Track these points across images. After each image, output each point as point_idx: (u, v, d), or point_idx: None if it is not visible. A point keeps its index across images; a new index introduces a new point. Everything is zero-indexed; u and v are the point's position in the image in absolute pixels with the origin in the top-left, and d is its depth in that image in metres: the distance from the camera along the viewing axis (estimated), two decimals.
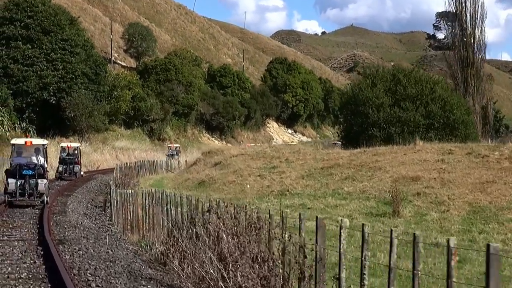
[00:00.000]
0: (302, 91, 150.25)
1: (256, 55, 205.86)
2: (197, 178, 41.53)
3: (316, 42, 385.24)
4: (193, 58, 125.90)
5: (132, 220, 21.86)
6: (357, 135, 56.53)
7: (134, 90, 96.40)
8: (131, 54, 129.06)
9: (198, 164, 48.76)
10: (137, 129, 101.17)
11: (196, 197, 17.76)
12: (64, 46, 79.34)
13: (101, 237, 19.99)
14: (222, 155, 46.52)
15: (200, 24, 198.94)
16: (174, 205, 17.71)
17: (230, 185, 36.10)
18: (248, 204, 30.53)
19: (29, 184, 29.50)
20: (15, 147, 31.40)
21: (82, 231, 21.13)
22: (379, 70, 60.97)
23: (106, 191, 37.90)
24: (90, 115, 77.25)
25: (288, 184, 32.94)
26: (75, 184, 43.93)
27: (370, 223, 23.66)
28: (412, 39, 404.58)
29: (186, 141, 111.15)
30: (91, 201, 33.73)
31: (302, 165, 37.57)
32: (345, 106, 61.73)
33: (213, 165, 44.55)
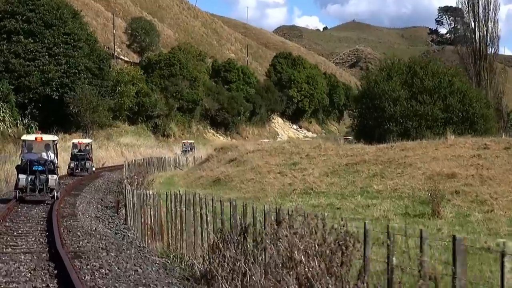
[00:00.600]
0: (307, 86, 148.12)
1: (259, 51, 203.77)
2: (211, 175, 39.34)
3: (318, 38, 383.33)
4: (197, 53, 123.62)
5: (153, 226, 19.38)
6: (372, 130, 54.42)
7: (138, 85, 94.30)
8: (134, 49, 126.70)
9: (210, 161, 46.47)
10: (141, 125, 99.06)
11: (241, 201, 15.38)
12: (67, 40, 77.35)
13: (122, 248, 17.56)
14: (237, 151, 44.27)
15: (202, 19, 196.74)
16: (210, 211, 15.28)
17: (248, 183, 33.97)
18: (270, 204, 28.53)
19: (39, 179, 29.73)
20: (25, 143, 31.84)
21: (99, 240, 18.75)
22: (395, 62, 58.77)
23: (117, 191, 35.85)
24: (94, 111, 75.17)
25: (311, 182, 30.85)
26: (81, 182, 41.79)
27: (410, 225, 21.53)
28: (415, 34, 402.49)
29: (191, 137, 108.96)
30: (101, 202, 31.62)
31: (325, 161, 35.45)
32: (359, 100, 59.55)
33: (227, 162, 42.34)
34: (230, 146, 48.98)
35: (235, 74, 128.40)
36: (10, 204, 27.07)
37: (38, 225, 22.29)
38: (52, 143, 31.88)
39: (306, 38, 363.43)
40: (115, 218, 26.12)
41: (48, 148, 31.47)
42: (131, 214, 23.35)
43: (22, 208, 26.94)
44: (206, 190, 32.68)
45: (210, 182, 37.45)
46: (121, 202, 26.98)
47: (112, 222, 24.78)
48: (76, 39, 78.35)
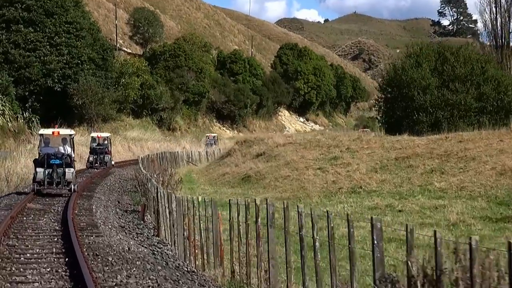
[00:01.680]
0: (314, 77, 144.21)
1: (263, 42, 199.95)
2: (238, 172, 35.48)
3: (319, 30, 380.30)
4: (202, 43, 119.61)
5: (204, 244, 14.87)
6: (399, 121, 50.46)
7: (143, 77, 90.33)
8: (137, 41, 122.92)
9: (233, 156, 42.46)
10: (146, 119, 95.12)
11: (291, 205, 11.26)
12: (69, 29, 73.47)
13: (179, 283, 12.91)
14: (264, 145, 40.31)
15: (205, 10, 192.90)
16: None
17: (284, 181, 30.14)
18: (314, 204, 24.73)
19: (56, 173, 30.15)
20: (43, 137, 32.11)
21: (140, 269, 13.72)
22: (423, 47, 54.64)
23: (133, 190, 32.02)
24: (99, 103, 71.24)
25: (358, 179, 27.03)
26: (92, 181, 37.81)
27: (498, 233, 17.67)
28: (416, 26, 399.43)
29: (197, 131, 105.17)
30: (118, 204, 27.71)
31: (370, 155, 31.60)
32: (385, 89, 55.49)
33: (254, 157, 38.46)
34: (254, 139, 44.92)
35: (241, 65, 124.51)
36: (14, 211, 22.67)
37: (52, 243, 17.39)
38: (69, 137, 32.11)
39: (307, 31, 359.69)
40: (142, 226, 22.02)
41: (65, 142, 31.72)
42: (166, 224, 18.73)
43: (28, 217, 22.73)
44: (235, 188, 28.92)
45: (237, 179, 33.59)
46: (150, 208, 22.77)
47: (140, 233, 20.42)
48: (79, 28, 74.49)
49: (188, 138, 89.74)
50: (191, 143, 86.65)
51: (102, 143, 52.21)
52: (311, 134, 42.75)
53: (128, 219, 23.23)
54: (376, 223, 8.26)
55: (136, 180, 31.58)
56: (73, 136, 33.14)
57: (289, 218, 11.36)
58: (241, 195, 27.74)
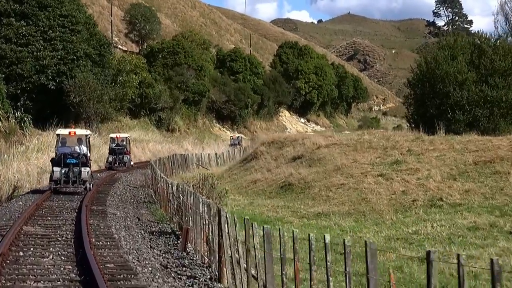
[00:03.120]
0: (315, 77, 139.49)
1: (259, 42, 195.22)
2: (272, 179, 30.43)
3: (313, 31, 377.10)
4: (202, 41, 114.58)
5: None
6: (432, 119, 45.51)
7: (141, 75, 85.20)
8: (132, 39, 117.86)
9: (261, 159, 37.30)
10: (144, 119, 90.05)
11: None
12: (64, 23, 68.39)
13: None
14: (300, 146, 35.20)
15: (200, 9, 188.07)
16: None
17: (338, 191, 25.24)
18: (389, 222, 19.91)
19: (72, 172, 31.12)
20: (59, 137, 32.98)
21: None
22: (458, 39, 49.66)
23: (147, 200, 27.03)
24: (99, 100, 66.10)
25: (435, 189, 22.14)
26: (98, 189, 32.66)
27: None
28: (411, 26, 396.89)
29: (197, 131, 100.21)
30: (140, 223, 22.21)
31: (440, 159, 26.66)
32: (415, 85, 50.46)
33: (290, 160, 33.43)
34: (284, 140, 39.67)
35: (242, 63, 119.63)
36: (5, 242, 16.22)
37: (65, 280, 12.83)
38: (85, 137, 32.94)
39: (301, 31, 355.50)
40: (188, 263, 15.77)
41: (80, 142, 32.63)
42: (235, 264, 12.81)
43: (26, 251, 16.46)
44: (273, 199, 24.02)
45: (275, 188, 28.52)
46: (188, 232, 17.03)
47: (193, 276, 14.17)
48: (74, 22, 69.44)
49: (190, 139, 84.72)
50: (193, 145, 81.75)
51: (121, 143, 52.63)
52: (356, 134, 37.68)
53: (162, 248, 17.48)
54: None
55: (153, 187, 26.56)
56: (89, 136, 34.21)
57: None
58: (285, 208, 22.97)
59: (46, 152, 47.40)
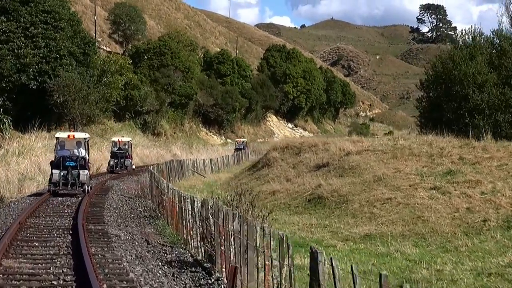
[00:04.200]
0: (303, 81, 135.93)
1: (245, 45, 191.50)
2: (295, 190, 26.56)
3: (296, 36, 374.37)
4: (188, 42, 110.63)
5: None
6: (449, 124, 41.80)
7: (127, 75, 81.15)
8: (116, 40, 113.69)
9: (276, 166, 33.30)
10: (129, 122, 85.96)
11: None
12: (47, 20, 64.48)
13: None
14: (323, 152, 31.26)
15: (185, 11, 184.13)
16: None
17: (384, 207, 21.48)
18: (465, 249, 16.15)
19: (71, 174, 31.46)
20: (58, 141, 33.48)
21: None
22: (477, 37, 45.95)
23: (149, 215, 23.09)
24: (84, 101, 62.03)
25: (508, 206, 18.34)
26: (91, 201, 28.66)
27: None
28: (395, 32, 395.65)
29: (183, 136, 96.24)
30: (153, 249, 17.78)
31: (503, 169, 22.96)
32: (429, 87, 46.70)
33: (313, 168, 29.56)
34: (300, 145, 35.60)
35: (229, 66, 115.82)
36: None
37: None
38: (84, 141, 33.45)
39: (284, 36, 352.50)
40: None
41: (79, 145, 33.18)
42: None
43: None
44: (302, 216, 20.24)
45: (300, 201, 24.62)
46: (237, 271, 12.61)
47: None
48: (57, 18, 65.50)
49: (179, 144, 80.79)
50: (182, 149, 77.84)
51: (122, 147, 52.84)
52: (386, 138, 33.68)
53: (180, 276, 13.45)
54: None
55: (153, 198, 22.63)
56: (88, 139, 34.29)
57: None
58: (320, 228, 19.25)
59: (27, 156, 43.38)
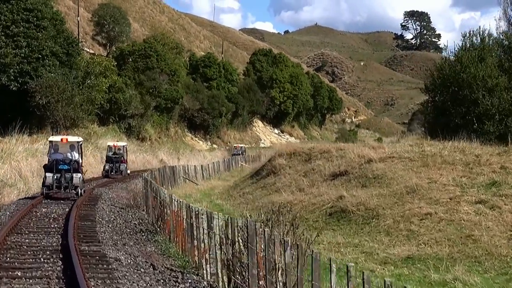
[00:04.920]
0: (290, 86, 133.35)
1: (229, 50, 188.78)
2: (312, 202, 23.75)
3: (279, 41, 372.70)
4: (174, 44, 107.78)
5: None
6: (456, 130, 39.19)
7: (112, 78, 78.18)
8: (99, 42, 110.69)
9: (283, 174, 30.32)
10: (113, 126, 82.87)
11: None
12: (29, 18, 61.63)
13: None
14: (339, 159, 28.36)
15: (169, 14, 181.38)
16: None
17: (424, 223, 18.78)
18: None
19: (64, 178, 31.50)
20: (52, 144, 33.47)
21: None
22: (485, 38, 43.37)
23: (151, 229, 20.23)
24: (68, 103, 59.05)
25: None
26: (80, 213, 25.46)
27: None
28: (378, 39, 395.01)
29: (168, 141, 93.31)
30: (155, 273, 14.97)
31: None
32: (434, 90, 44.02)
33: (329, 177, 26.74)
34: (310, 151, 32.60)
35: (216, 70, 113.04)
36: None
37: None
38: (77, 144, 33.47)
39: (268, 41, 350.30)
40: None
41: (73, 148, 33.28)
42: None
43: None
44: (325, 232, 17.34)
45: (321, 215, 21.78)
46: None
47: None
48: (40, 17, 62.61)
49: (165, 149, 77.92)
50: (169, 155, 75.00)
51: (118, 152, 52.60)
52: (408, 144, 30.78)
53: None
54: None
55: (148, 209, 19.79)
56: (81, 143, 34.36)
57: None
58: (350, 247, 16.52)
59: (7, 161, 40.43)
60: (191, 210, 15.53)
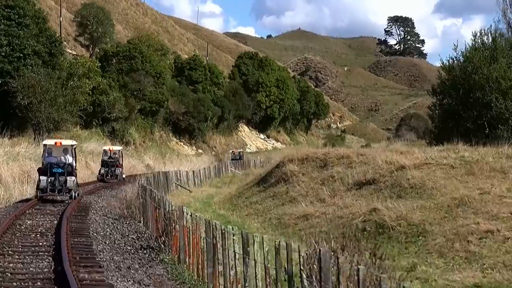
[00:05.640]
0: (276, 90, 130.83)
1: (214, 53, 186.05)
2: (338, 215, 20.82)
3: (262, 45, 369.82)
4: (159, 46, 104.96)
5: None
6: (466, 134, 36.72)
7: (96, 79, 75.27)
8: (82, 43, 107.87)
9: (294, 182, 27.52)
10: (96, 130, 79.97)
11: None
12: (10, 15, 59.17)
13: None
14: (362, 166, 25.51)
15: (152, 16, 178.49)
16: None
17: (486, 243, 16.08)
18: None
19: (58, 181, 31.86)
20: (46, 147, 33.76)
21: None
22: (497, 38, 40.93)
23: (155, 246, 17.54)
24: (52, 104, 56.18)
25: None
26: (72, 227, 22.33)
27: None
28: (362, 44, 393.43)
29: (153, 145, 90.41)
30: None
31: None
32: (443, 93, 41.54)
33: (355, 186, 23.99)
34: (325, 156, 29.61)
35: (202, 72, 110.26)
36: None
37: None
38: (71, 148, 33.77)
39: (251, 45, 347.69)
40: None
41: (66, 152, 33.44)
42: None
43: None
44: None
45: (350, 230, 18.83)
46: None
47: None
48: (22, 14, 60.04)
49: (151, 154, 75.12)
50: (155, 160, 72.23)
51: (113, 156, 52.36)
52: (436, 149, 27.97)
53: None
54: None
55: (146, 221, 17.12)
56: (75, 146, 34.65)
57: None
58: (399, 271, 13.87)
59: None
60: (213, 228, 12.72)
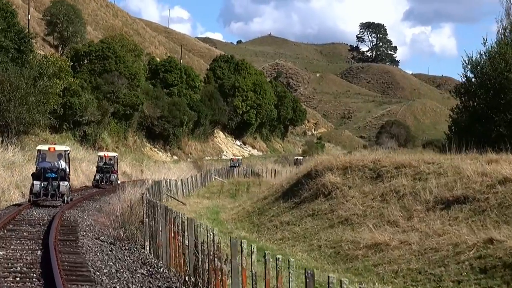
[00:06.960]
0: (253, 94, 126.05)
1: (186, 57, 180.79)
2: (432, 246, 15.50)
3: (232, 51, 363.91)
4: (133, 46, 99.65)
5: None
6: (498, 140, 32.01)
7: (68, 79, 69.89)
8: (51, 43, 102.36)
9: (341, 197, 22.00)
10: (67, 134, 74.58)
11: None
12: None
13: None
14: (437, 178, 20.02)
15: (123, 18, 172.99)
16: None
17: None
18: None
19: (51, 185, 32.27)
20: (40, 153, 34.26)
21: None
22: None
23: None
24: (22, 103, 50.84)
25: None
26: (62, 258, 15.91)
27: None
28: (333, 50, 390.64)
29: (127, 151, 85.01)
30: None
31: None
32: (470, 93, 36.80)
33: (440, 205, 18.40)
34: (374, 164, 24.38)
35: (177, 75, 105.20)
36: None
37: None
38: (64, 153, 34.43)
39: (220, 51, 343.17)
40: None
41: (60, 157, 33.85)
42: None
43: None
44: None
45: (460, 270, 13.83)
46: None
47: None
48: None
49: (128, 160, 69.83)
50: (132, 167, 67.01)
51: (108, 162, 52.24)
52: None
53: None
54: None
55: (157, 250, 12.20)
56: (68, 152, 35.23)
57: None
58: None
59: None
60: None
